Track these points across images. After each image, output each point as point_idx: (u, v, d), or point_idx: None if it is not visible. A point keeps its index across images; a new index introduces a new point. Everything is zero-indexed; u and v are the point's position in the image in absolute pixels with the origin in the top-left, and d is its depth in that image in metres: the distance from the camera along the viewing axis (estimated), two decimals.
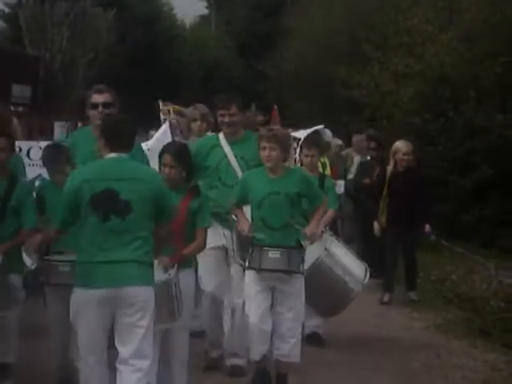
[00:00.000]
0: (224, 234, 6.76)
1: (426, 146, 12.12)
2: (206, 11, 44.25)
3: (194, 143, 7.66)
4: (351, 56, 18.23)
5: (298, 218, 6.33)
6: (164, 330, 5.71)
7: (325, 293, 7.15)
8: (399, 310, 9.87)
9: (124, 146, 5.29)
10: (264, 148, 6.23)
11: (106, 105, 6.38)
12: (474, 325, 9.01)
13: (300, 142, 12.20)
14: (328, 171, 10.73)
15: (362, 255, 11.73)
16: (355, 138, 14.38)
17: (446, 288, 10.63)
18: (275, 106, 11.98)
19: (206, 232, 6.04)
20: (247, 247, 6.23)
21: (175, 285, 5.57)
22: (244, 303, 6.45)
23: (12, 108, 14.22)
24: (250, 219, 6.36)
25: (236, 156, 6.79)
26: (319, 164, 10.27)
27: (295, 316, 6.28)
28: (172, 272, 5.57)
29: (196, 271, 6.62)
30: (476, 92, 13.67)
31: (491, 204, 13.32)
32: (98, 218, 5.07)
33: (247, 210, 6.43)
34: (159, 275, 5.47)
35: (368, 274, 7.45)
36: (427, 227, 9.91)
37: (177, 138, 9.64)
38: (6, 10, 31.03)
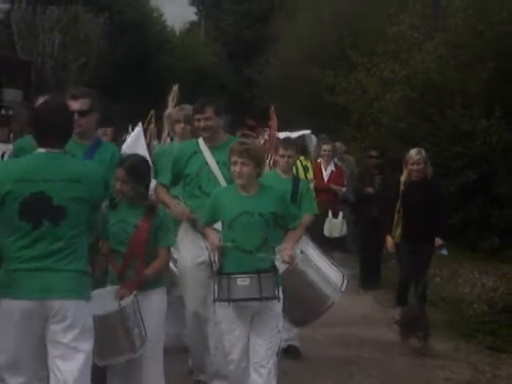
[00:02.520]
0: (206, 247, 6.20)
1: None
2: (195, 18, 44.37)
3: (177, 146, 7.33)
4: (338, 62, 18.27)
5: (272, 240, 5.70)
6: (129, 361, 5.25)
7: (298, 301, 6.42)
8: (384, 311, 9.94)
9: (56, 139, 4.53)
10: (235, 163, 5.63)
11: (81, 113, 5.62)
12: (457, 328, 9.12)
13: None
14: (310, 175, 10.82)
15: (361, 266, 11.85)
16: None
17: (431, 291, 10.73)
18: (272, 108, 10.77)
19: (169, 251, 5.63)
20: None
21: (134, 313, 5.12)
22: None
23: (3, 111, 14.30)
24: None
25: (218, 162, 6.29)
26: (300, 168, 10.41)
27: (270, 345, 5.65)
28: (126, 301, 5.11)
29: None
30: (462, 98, 13.76)
31: (475, 208, 13.42)
32: (28, 224, 4.43)
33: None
34: (110, 305, 5.05)
35: (346, 282, 6.74)
36: (437, 241, 8.92)
37: (155, 143, 9.60)
38: None
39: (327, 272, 6.70)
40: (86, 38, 26.33)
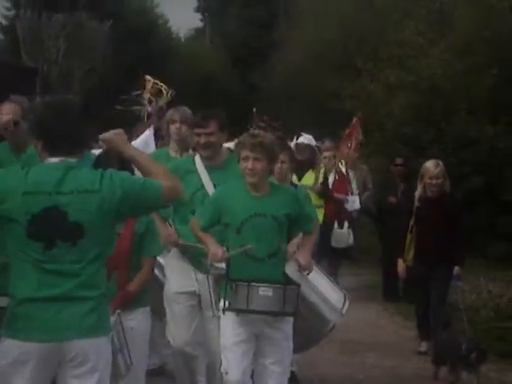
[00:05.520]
0: (197, 279, 5.59)
1: (417, 158, 12.11)
2: (200, 24, 44.40)
3: (172, 150, 6.84)
4: (343, 68, 18.24)
5: (284, 246, 5.07)
6: None
7: (297, 324, 5.35)
8: (391, 318, 9.92)
9: (69, 146, 3.72)
10: (246, 158, 4.91)
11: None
12: None
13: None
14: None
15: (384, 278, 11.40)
16: None
17: None
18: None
19: (153, 261, 4.96)
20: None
21: (118, 335, 4.32)
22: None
23: None
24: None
25: (215, 185, 5.49)
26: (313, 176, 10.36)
27: (283, 370, 5.04)
28: (112, 320, 4.22)
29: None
30: (467, 104, 13.74)
31: (482, 214, 13.38)
32: (39, 245, 3.62)
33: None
34: None
35: (347, 303, 5.87)
36: (456, 270, 7.94)
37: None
38: (4, 22, 31.20)
39: (327, 292, 5.90)
40: (90, 44, 26.39)
